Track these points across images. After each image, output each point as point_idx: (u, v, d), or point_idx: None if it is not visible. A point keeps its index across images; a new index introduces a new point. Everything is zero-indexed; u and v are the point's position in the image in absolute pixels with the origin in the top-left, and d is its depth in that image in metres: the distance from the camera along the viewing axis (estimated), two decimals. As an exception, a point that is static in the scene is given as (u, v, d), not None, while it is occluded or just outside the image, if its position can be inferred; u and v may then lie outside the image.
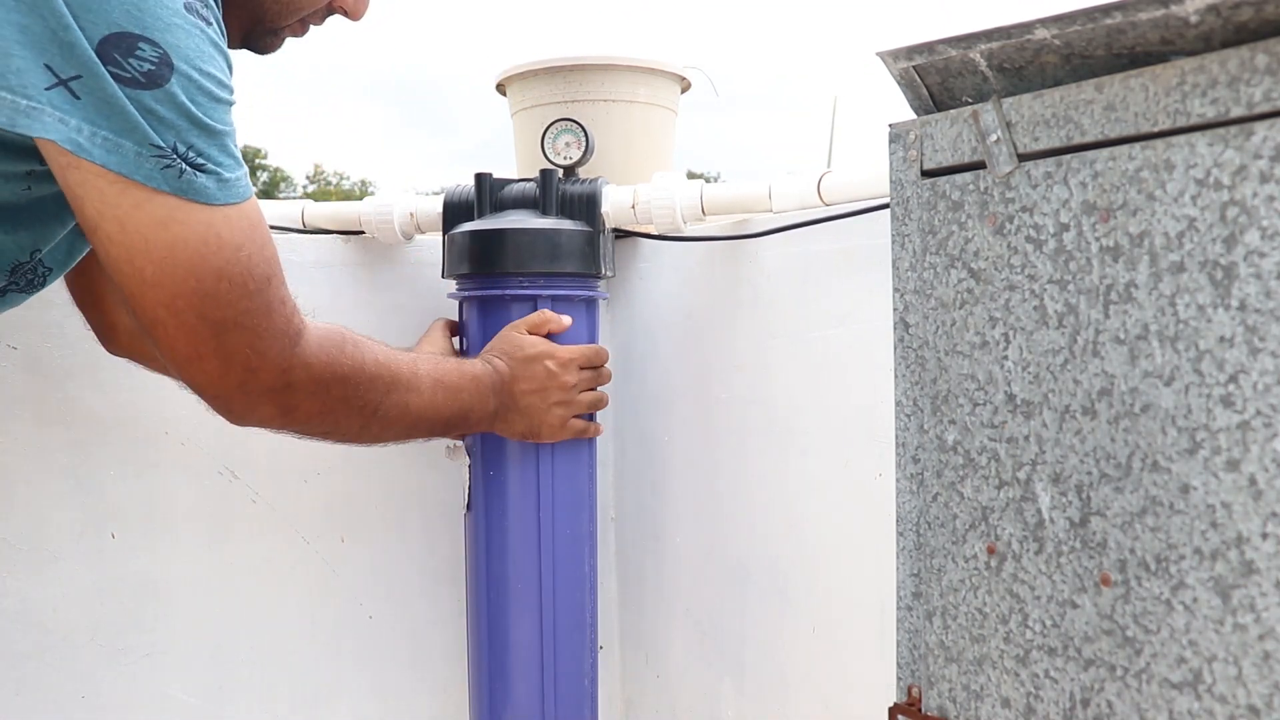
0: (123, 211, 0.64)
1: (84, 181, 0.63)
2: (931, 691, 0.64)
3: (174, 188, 0.64)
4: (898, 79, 0.64)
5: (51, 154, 0.63)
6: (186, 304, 0.66)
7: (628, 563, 1.47)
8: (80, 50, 0.60)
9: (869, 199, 1.02)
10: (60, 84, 0.61)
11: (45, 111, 0.61)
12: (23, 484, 1.11)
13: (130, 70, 0.61)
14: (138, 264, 0.65)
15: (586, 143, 1.18)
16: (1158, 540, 0.51)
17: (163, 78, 0.62)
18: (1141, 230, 0.51)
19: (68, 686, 1.13)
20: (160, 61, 0.62)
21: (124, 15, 0.61)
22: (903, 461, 0.65)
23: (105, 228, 0.64)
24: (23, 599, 1.11)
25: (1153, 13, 0.50)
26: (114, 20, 0.61)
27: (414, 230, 1.24)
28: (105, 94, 0.61)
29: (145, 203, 0.63)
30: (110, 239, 0.64)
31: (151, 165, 0.63)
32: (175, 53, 0.63)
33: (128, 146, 0.62)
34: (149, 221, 0.64)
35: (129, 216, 0.64)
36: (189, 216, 0.65)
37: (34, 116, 0.61)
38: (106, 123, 0.62)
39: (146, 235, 0.64)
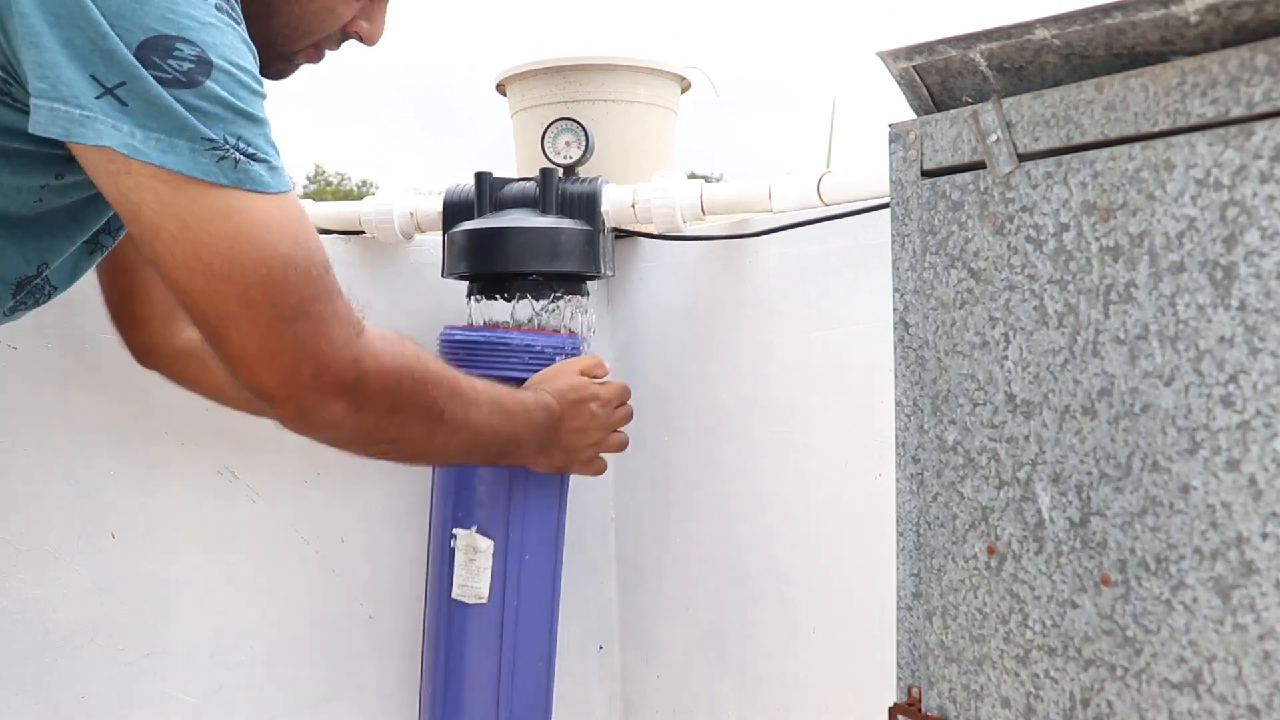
0: (182, 208, 0.63)
1: (139, 186, 0.63)
2: (931, 691, 0.64)
3: (231, 179, 0.64)
4: (898, 79, 0.64)
5: (100, 163, 0.63)
6: (259, 293, 0.65)
7: (628, 563, 1.47)
8: (121, 57, 0.61)
9: (869, 199, 1.02)
10: (107, 92, 0.61)
11: (99, 120, 0.61)
12: (23, 484, 1.11)
13: (171, 71, 0.62)
14: (204, 259, 0.64)
15: (586, 142, 1.18)
16: (1158, 540, 0.51)
17: (203, 74, 0.63)
18: (1141, 230, 0.51)
19: (68, 686, 1.13)
20: (198, 59, 0.63)
21: (158, 19, 0.62)
22: (903, 461, 0.65)
23: (168, 228, 0.64)
24: (23, 599, 1.11)
25: (1153, 13, 0.50)
26: (149, 25, 0.62)
27: (414, 230, 1.24)
28: (151, 96, 0.62)
29: (202, 196, 0.64)
30: (174, 238, 0.64)
31: (208, 159, 0.63)
32: (211, 50, 0.64)
33: (181, 144, 0.63)
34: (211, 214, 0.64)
35: (189, 212, 0.64)
36: (249, 205, 0.65)
37: (88, 125, 0.61)
38: (157, 124, 0.62)
39: (210, 229, 0.64)
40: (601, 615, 1.48)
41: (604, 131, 1.28)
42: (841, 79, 8.17)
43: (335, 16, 0.86)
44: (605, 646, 1.49)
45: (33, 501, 1.11)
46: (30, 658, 1.11)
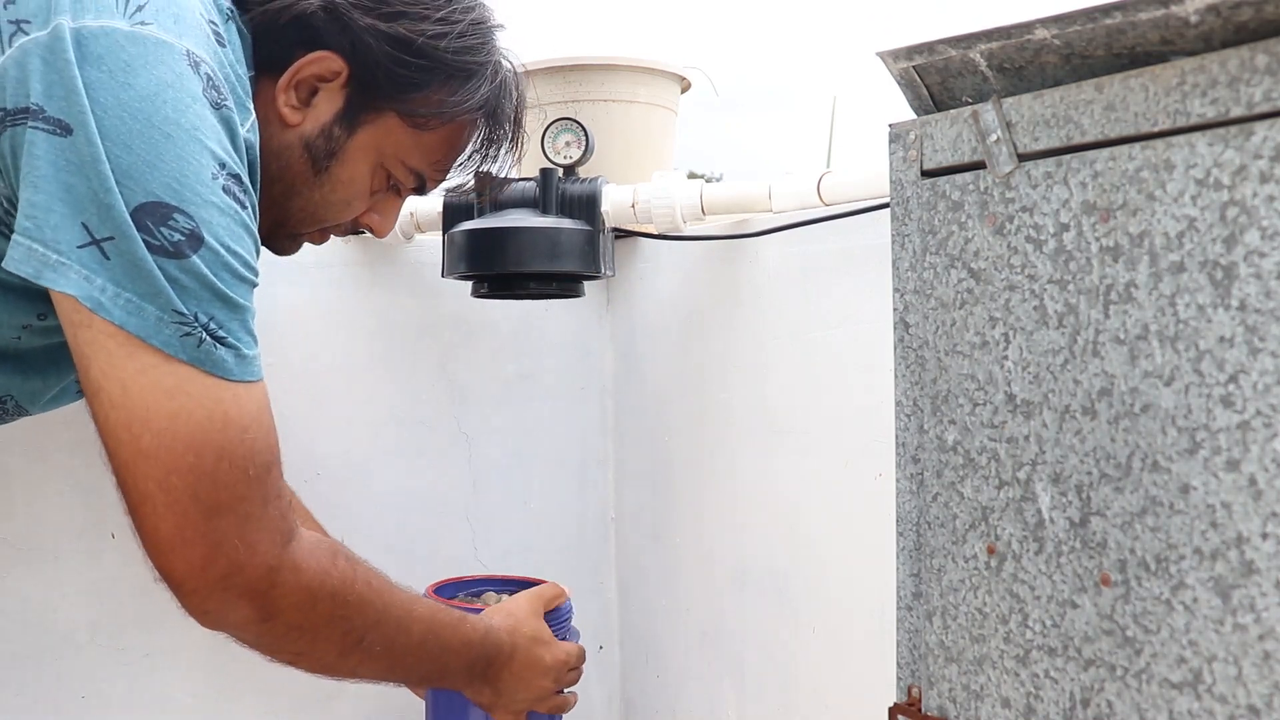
0: (128, 375, 0.63)
1: (94, 341, 0.62)
2: (931, 691, 0.64)
3: (191, 357, 0.63)
4: (897, 79, 0.63)
5: (66, 311, 0.63)
6: (180, 480, 0.64)
7: (628, 563, 1.47)
8: (117, 213, 0.61)
9: (869, 199, 1.02)
10: (93, 243, 0.62)
11: (72, 268, 0.61)
12: (23, 484, 1.11)
13: (160, 239, 0.62)
14: (135, 431, 0.63)
15: (586, 142, 1.18)
16: (1158, 540, 0.51)
17: (192, 249, 0.63)
18: (1141, 230, 0.51)
19: (68, 686, 1.13)
20: (190, 234, 0.63)
21: (163, 186, 0.63)
22: (903, 461, 0.65)
23: (108, 390, 0.63)
24: (23, 599, 1.11)
25: (1153, 13, 0.50)
26: (152, 190, 0.62)
27: (414, 230, 1.25)
28: (135, 257, 0.62)
29: (153, 369, 0.63)
30: (111, 403, 0.63)
31: (171, 331, 0.63)
32: (206, 228, 0.64)
33: (149, 311, 0.62)
34: (154, 388, 0.63)
35: (133, 381, 0.63)
36: (198, 389, 0.64)
37: (60, 271, 0.61)
38: (132, 285, 0.62)
39: (149, 403, 0.63)
40: (601, 615, 1.48)
41: (604, 131, 1.28)
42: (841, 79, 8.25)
43: (350, 209, 0.87)
44: (605, 646, 1.49)
45: (33, 501, 1.11)
46: (30, 658, 1.11)
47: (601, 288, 1.45)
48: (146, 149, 0.62)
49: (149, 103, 0.62)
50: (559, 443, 1.45)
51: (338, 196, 0.85)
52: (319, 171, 0.83)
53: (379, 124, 0.83)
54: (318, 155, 0.82)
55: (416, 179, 0.88)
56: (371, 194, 0.88)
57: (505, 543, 1.39)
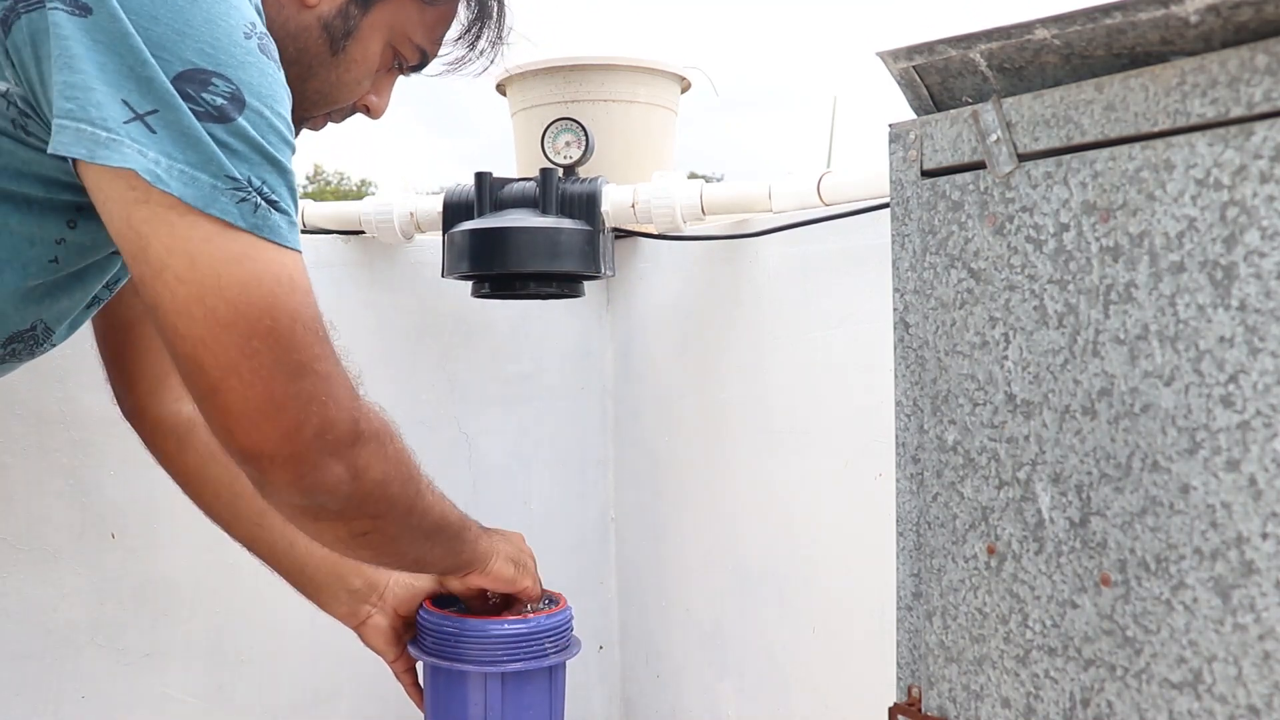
0: (194, 245, 0.61)
1: (152, 217, 0.61)
2: (931, 691, 0.64)
3: (249, 223, 0.62)
4: (897, 79, 0.63)
5: (119, 191, 0.61)
6: (263, 344, 0.62)
7: (628, 563, 1.47)
8: (158, 85, 0.60)
9: (869, 199, 1.02)
10: (137, 118, 0.60)
11: (124, 143, 0.60)
12: (23, 484, 1.11)
13: (204, 104, 0.61)
14: (210, 303, 0.61)
15: (586, 142, 1.18)
16: (1158, 540, 0.51)
17: (236, 111, 0.62)
18: (1141, 230, 0.51)
19: (68, 686, 1.13)
20: (232, 96, 0.62)
21: (196, 52, 0.61)
22: (903, 461, 0.65)
23: (174, 265, 0.61)
24: (23, 599, 1.11)
25: (1153, 13, 0.50)
26: (188, 57, 0.61)
27: (414, 230, 1.25)
28: (182, 126, 0.61)
29: (217, 236, 0.61)
30: (179, 278, 0.61)
31: (228, 199, 0.62)
32: (247, 89, 0.63)
33: (204, 179, 0.61)
34: (222, 256, 0.61)
35: (200, 251, 0.61)
36: (262, 254, 0.63)
37: (113, 148, 0.60)
38: (183, 155, 0.61)
39: (219, 271, 0.61)
40: (601, 615, 1.48)
41: (604, 131, 1.28)
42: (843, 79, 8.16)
43: (360, 89, 0.87)
44: (605, 646, 1.49)
45: (33, 501, 1.11)
46: (30, 658, 1.11)
47: (601, 288, 1.45)
48: (173, 17, 0.61)
49: None
50: (559, 443, 1.45)
51: (351, 76, 0.85)
52: (336, 51, 0.82)
53: (391, 1, 0.84)
54: (335, 35, 0.82)
55: (420, 56, 0.89)
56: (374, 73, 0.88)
57: (505, 543, 1.39)
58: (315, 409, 0.65)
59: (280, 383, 0.63)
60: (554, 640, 1.01)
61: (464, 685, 0.98)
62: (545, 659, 0.99)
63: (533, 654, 0.98)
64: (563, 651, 1.01)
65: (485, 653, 0.97)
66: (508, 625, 0.98)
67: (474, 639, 0.97)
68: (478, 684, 0.98)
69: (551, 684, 1.02)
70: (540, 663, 0.98)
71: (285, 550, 0.97)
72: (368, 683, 1.29)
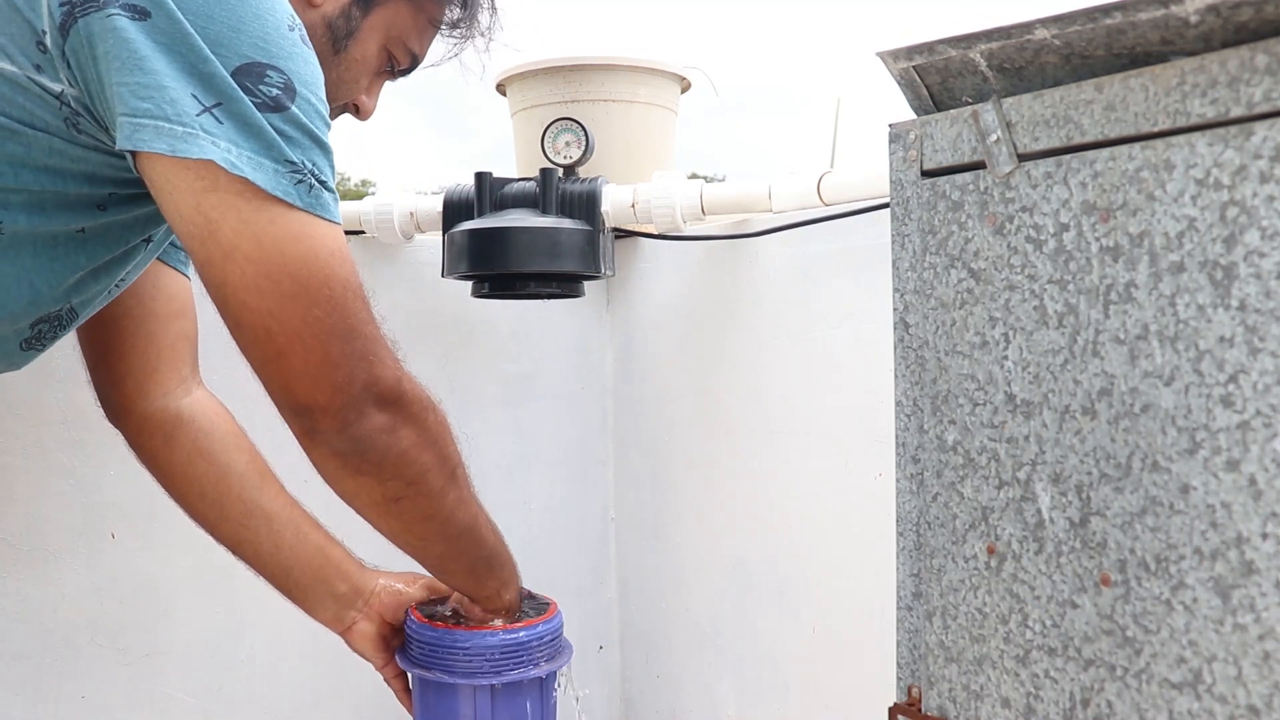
0: (260, 228, 0.67)
1: (222, 202, 0.66)
2: (931, 691, 0.64)
3: (305, 203, 0.68)
4: (897, 79, 0.63)
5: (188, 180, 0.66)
6: (322, 312, 0.69)
7: (628, 563, 1.47)
8: (220, 80, 0.65)
9: (869, 199, 1.02)
10: (205, 110, 0.65)
11: (200, 136, 0.65)
12: (23, 484, 1.11)
13: (262, 95, 0.66)
14: (276, 279, 0.67)
15: (586, 142, 1.19)
16: (1158, 540, 0.51)
17: (289, 100, 0.68)
18: (1141, 230, 0.51)
19: (68, 686, 1.13)
20: (285, 86, 0.68)
21: (252, 47, 0.66)
22: (903, 461, 0.65)
23: (243, 247, 0.67)
24: (23, 599, 1.11)
25: (1153, 13, 0.50)
26: (244, 52, 0.66)
27: (414, 230, 1.25)
28: (245, 116, 0.66)
29: (280, 217, 0.67)
30: (248, 258, 0.67)
31: (288, 181, 0.67)
32: (297, 78, 0.68)
33: (268, 164, 0.67)
34: (285, 236, 0.67)
35: (265, 232, 0.67)
36: (317, 230, 0.69)
37: (191, 141, 0.65)
38: (247, 143, 0.66)
39: (283, 249, 0.67)
40: (601, 615, 1.48)
41: (604, 131, 1.28)
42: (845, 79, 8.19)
43: (356, 88, 0.91)
44: (605, 646, 1.49)
45: (33, 501, 1.11)
46: (30, 658, 1.11)
47: (601, 288, 1.45)
48: (227, 15, 0.66)
49: None
50: (559, 443, 1.45)
51: (350, 75, 0.89)
52: (338, 50, 0.87)
53: (389, 5, 0.88)
54: (338, 34, 0.86)
55: (411, 59, 0.93)
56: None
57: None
58: (364, 365, 0.72)
59: (335, 343, 0.70)
60: (544, 648, 0.98)
61: (454, 696, 0.97)
62: (536, 668, 0.97)
63: (523, 663, 0.96)
64: (553, 659, 0.99)
65: (474, 664, 0.95)
66: (497, 635, 0.96)
67: (463, 650, 0.95)
68: (467, 695, 0.96)
69: (543, 692, 1.01)
70: (531, 672, 0.96)
71: (270, 552, 0.97)
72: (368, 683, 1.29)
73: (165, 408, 0.97)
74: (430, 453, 0.79)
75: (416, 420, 0.77)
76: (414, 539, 0.86)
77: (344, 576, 0.99)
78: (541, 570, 1.43)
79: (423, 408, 0.78)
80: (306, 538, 0.98)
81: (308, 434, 0.73)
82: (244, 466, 0.98)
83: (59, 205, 0.72)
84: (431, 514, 0.83)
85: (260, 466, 0.99)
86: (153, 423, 0.97)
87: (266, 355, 0.70)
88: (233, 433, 0.99)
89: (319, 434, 0.73)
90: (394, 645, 1.02)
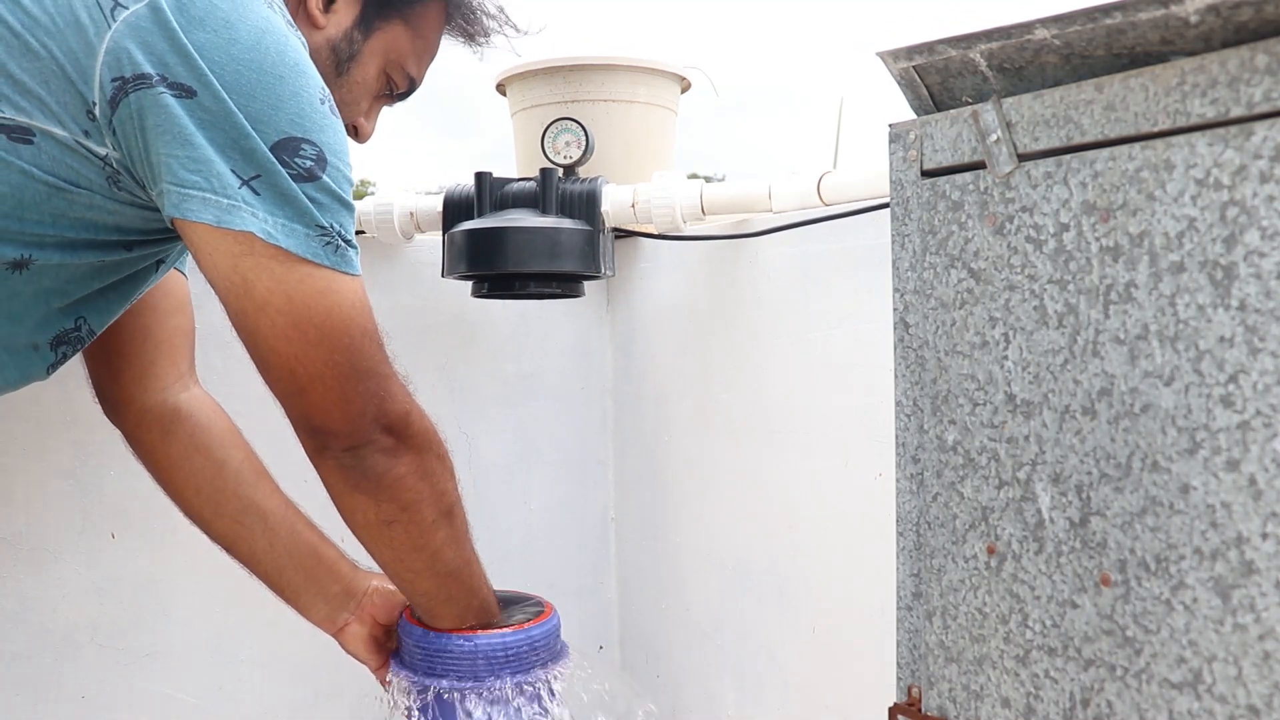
0: (290, 286, 0.73)
1: (257, 265, 0.72)
2: (931, 691, 0.64)
3: (331, 261, 0.75)
4: (897, 79, 0.63)
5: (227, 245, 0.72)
6: (343, 357, 0.76)
7: (628, 563, 1.47)
8: (261, 155, 0.71)
9: (869, 199, 1.02)
10: (245, 184, 0.71)
11: (241, 208, 0.71)
12: (23, 484, 1.11)
13: (297, 168, 0.72)
14: (302, 328, 0.74)
15: (586, 142, 1.18)
16: (1158, 540, 0.51)
17: (321, 170, 0.74)
18: (1141, 230, 0.51)
19: (68, 686, 1.13)
20: (318, 158, 0.73)
21: (289, 123, 0.72)
22: (903, 461, 0.65)
23: (275, 302, 0.74)
24: (23, 599, 1.11)
25: (1153, 13, 0.50)
26: (282, 128, 0.72)
27: (414, 230, 1.24)
28: (281, 188, 0.72)
29: (309, 276, 0.74)
30: (279, 311, 0.74)
31: (318, 244, 0.74)
32: (328, 149, 0.74)
33: (299, 230, 0.73)
34: (312, 292, 0.74)
35: (295, 290, 0.74)
36: (340, 285, 0.75)
37: (234, 213, 0.71)
38: (282, 212, 0.72)
39: (310, 304, 0.74)
40: (601, 615, 1.48)
41: (604, 131, 1.28)
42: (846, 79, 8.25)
43: (357, 110, 0.95)
44: (605, 646, 1.49)
45: (33, 501, 1.11)
46: (30, 658, 1.11)
47: (601, 288, 1.45)
48: (267, 93, 0.71)
49: (255, 51, 0.71)
50: (559, 443, 1.44)
51: (352, 96, 0.93)
52: (340, 73, 0.91)
53: (388, 30, 0.93)
54: (341, 58, 0.91)
55: (409, 84, 0.97)
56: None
57: (505, 543, 1.39)
58: (375, 401, 0.79)
59: (351, 383, 0.77)
60: (540, 652, 0.97)
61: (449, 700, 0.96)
62: (531, 672, 0.95)
63: (518, 667, 0.95)
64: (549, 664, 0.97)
65: (468, 667, 0.94)
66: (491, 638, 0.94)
67: (456, 653, 0.94)
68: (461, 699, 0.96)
69: (538, 695, 1.00)
70: (526, 676, 0.95)
71: (264, 550, 0.98)
72: (368, 683, 1.29)
73: (163, 402, 0.97)
74: (426, 484, 0.84)
75: (418, 451, 0.82)
76: (404, 570, 0.89)
77: (337, 577, 0.99)
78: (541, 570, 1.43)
79: (426, 442, 0.83)
80: (301, 537, 0.99)
81: (318, 450, 0.80)
82: (240, 463, 0.98)
83: (89, 247, 0.78)
84: (421, 545, 0.86)
85: (256, 465, 1.00)
86: (150, 417, 0.97)
87: (289, 390, 0.77)
88: (229, 430, 1.00)
89: (328, 450, 0.79)
90: (388, 647, 1.01)
